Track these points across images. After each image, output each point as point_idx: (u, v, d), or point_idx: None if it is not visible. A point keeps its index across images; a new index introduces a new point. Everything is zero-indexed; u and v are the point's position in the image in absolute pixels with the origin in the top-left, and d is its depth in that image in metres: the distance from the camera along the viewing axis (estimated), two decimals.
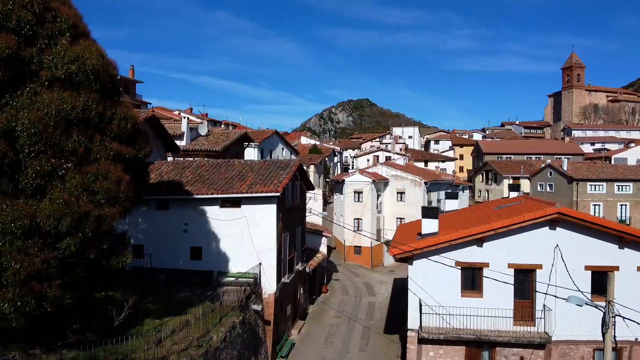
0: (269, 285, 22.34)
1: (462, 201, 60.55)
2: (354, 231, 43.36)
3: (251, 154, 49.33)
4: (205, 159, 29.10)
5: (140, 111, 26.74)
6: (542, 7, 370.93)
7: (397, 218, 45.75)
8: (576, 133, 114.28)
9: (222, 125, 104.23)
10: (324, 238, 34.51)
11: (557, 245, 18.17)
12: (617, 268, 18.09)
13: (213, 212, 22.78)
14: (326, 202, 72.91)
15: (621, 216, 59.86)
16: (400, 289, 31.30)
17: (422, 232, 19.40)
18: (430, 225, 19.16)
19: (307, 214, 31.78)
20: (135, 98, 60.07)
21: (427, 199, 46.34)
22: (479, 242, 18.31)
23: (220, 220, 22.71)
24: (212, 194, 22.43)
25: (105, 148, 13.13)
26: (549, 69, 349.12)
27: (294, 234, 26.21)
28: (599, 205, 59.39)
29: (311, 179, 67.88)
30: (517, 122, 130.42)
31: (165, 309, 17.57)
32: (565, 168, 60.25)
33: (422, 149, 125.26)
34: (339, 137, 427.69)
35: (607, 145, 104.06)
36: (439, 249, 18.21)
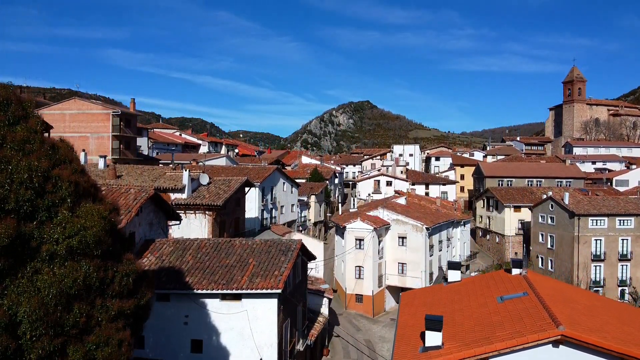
0: None
1: (463, 235, 60.53)
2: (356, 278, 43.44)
3: (252, 195, 49.32)
4: (206, 237, 29.01)
5: (142, 191, 26.64)
6: (544, 7, 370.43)
7: (398, 263, 45.71)
8: (577, 150, 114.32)
9: (223, 147, 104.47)
10: (325, 299, 34.39)
11: None
12: None
13: (214, 305, 22.69)
14: (326, 230, 72.94)
15: (622, 251, 59.88)
16: None
17: (426, 345, 19.28)
18: (434, 339, 19.04)
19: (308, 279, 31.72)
20: (135, 131, 59.99)
21: (429, 243, 46.25)
22: None
23: (221, 313, 22.63)
24: (213, 288, 22.34)
25: (107, 310, 13.02)
26: (551, 69, 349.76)
27: (296, 316, 26.14)
28: (600, 240, 59.35)
29: (312, 209, 67.89)
30: (518, 138, 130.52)
31: None
32: (566, 202, 60.10)
33: (423, 164, 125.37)
34: (340, 140, 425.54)
35: (608, 165, 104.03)
36: None
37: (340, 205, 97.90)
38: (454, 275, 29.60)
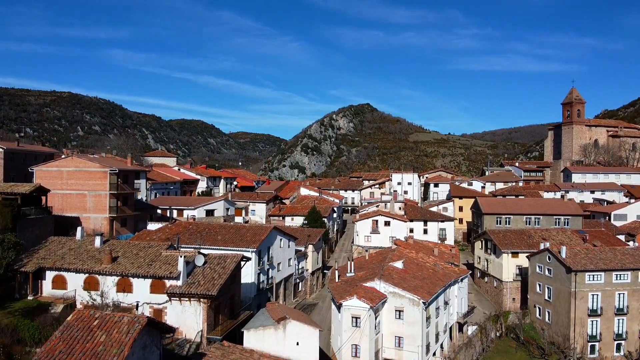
0: None
1: (460, 292, 60.55)
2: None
3: (248, 266, 49.31)
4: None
5: (135, 322, 26.67)
6: (548, 6, 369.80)
7: (395, 336, 45.87)
8: (576, 177, 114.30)
9: (222, 182, 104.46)
10: None
11: None
12: None
13: None
14: (324, 275, 73.03)
15: (619, 305, 59.90)
16: None
17: None
18: None
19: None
20: (133, 187, 60.07)
21: (426, 315, 46.40)
22: None
23: None
24: None
25: None
26: (553, 69, 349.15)
27: None
28: (597, 294, 59.33)
29: (309, 258, 67.95)
30: (517, 164, 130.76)
31: None
32: (563, 255, 60.09)
33: (422, 188, 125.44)
34: (340, 144, 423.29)
35: (606, 194, 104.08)
36: None
37: (338, 236, 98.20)
38: None
